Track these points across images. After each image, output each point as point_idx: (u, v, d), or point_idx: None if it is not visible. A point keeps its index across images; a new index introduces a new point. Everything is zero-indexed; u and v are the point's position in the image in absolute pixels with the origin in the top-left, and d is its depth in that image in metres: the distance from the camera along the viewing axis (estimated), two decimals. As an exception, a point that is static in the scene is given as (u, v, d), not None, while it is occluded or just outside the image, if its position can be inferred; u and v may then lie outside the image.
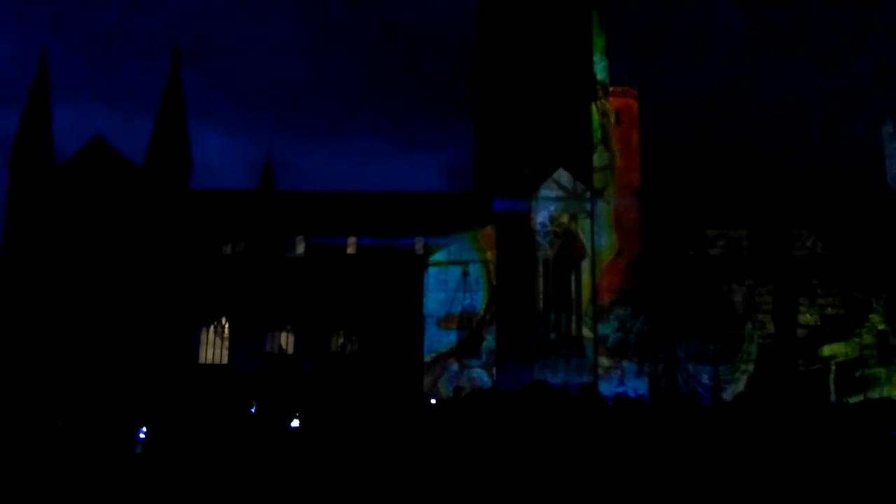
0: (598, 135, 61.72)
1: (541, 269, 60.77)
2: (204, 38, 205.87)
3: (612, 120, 61.80)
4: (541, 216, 60.56)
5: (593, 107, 62.21)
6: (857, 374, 53.75)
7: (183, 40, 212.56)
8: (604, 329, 58.24)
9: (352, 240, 67.94)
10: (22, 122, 64.65)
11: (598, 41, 64.11)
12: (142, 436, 15.11)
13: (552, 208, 60.53)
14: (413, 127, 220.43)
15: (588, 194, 60.10)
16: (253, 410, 19.46)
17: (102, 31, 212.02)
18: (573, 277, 60.56)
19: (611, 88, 62.77)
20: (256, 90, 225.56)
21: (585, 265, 60.14)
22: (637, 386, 55.63)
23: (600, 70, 63.39)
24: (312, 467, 13.25)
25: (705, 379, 55.72)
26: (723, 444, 14.21)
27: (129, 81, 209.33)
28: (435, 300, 59.20)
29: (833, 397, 53.74)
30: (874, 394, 52.03)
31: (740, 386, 57.68)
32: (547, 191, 60.31)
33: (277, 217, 67.69)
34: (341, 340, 63.55)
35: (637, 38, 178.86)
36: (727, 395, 54.00)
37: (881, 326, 56.22)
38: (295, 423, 16.49)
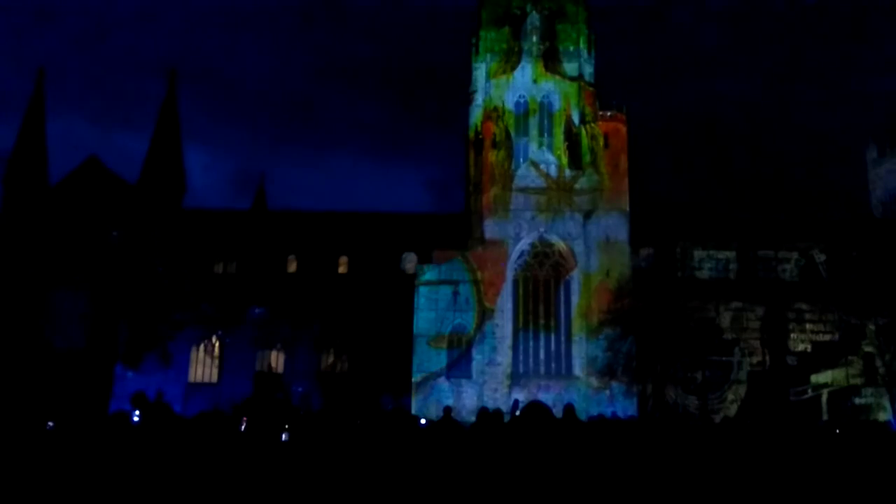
0: (587, 157, 62.37)
1: (531, 288, 61.20)
2: (191, 58, 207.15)
3: (601, 143, 62.45)
4: (530, 237, 61.10)
5: (583, 130, 62.92)
6: (850, 403, 53.15)
7: (173, 61, 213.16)
8: (593, 350, 58.51)
9: (343, 259, 68.36)
10: (17, 140, 64.96)
11: (584, 40, 65.03)
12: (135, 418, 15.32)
13: (541, 229, 61.04)
14: (397, 143, 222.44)
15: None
16: (242, 428, 19.62)
17: (98, 50, 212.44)
18: (562, 297, 60.99)
19: (600, 113, 63.52)
20: (240, 109, 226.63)
21: (574, 285, 60.59)
22: (626, 407, 55.70)
23: (587, 73, 64.31)
24: (301, 483, 13.48)
25: (692, 408, 55.61)
26: (714, 464, 14.53)
27: (124, 100, 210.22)
28: (425, 319, 59.40)
29: (825, 428, 53.11)
30: (867, 423, 51.62)
31: (730, 414, 57.53)
32: (536, 213, 60.89)
33: (269, 236, 68.04)
34: (331, 359, 63.63)
35: (625, 57, 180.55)
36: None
37: (868, 349, 56.07)
38: (284, 436, 16.66)
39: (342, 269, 68.09)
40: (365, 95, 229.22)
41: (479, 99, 64.06)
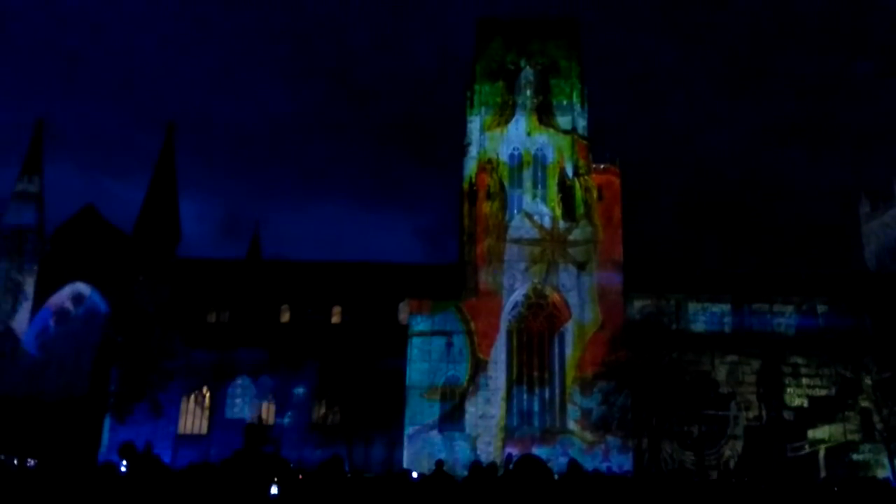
0: (581, 209, 62.61)
1: (525, 339, 60.85)
2: (182, 107, 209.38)
3: (595, 195, 62.74)
4: (523, 288, 60.99)
5: (576, 182, 63.27)
6: (848, 459, 52.55)
7: (166, 111, 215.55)
8: (587, 402, 57.98)
9: (336, 309, 68.11)
10: (15, 187, 65.24)
11: (577, 94, 65.68)
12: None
13: (535, 280, 60.96)
14: (386, 191, 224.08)
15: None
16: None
17: (95, 100, 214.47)
18: (556, 349, 60.63)
19: (593, 165, 63.95)
20: (231, 158, 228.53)
21: (569, 337, 60.28)
22: (621, 461, 55.03)
23: (581, 126, 64.84)
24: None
25: (689, 463, 54.88)
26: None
27: (118, 150, 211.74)
28: (418, 371, 58.89)
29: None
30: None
31: (727, 470, 56.82)
32: (530, 264, 60.89)
33: (263, 286, 67.85)
34: (323, 411, 62.93)
35: (619, 111, 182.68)
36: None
37: (865, 404, 55.68)
38: (274, 489, 16.32)
39: (335, 319, 67.78)
40: (354, 145, 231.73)
41: (473, 151, 64.52)
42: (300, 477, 19.66)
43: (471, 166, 64.20)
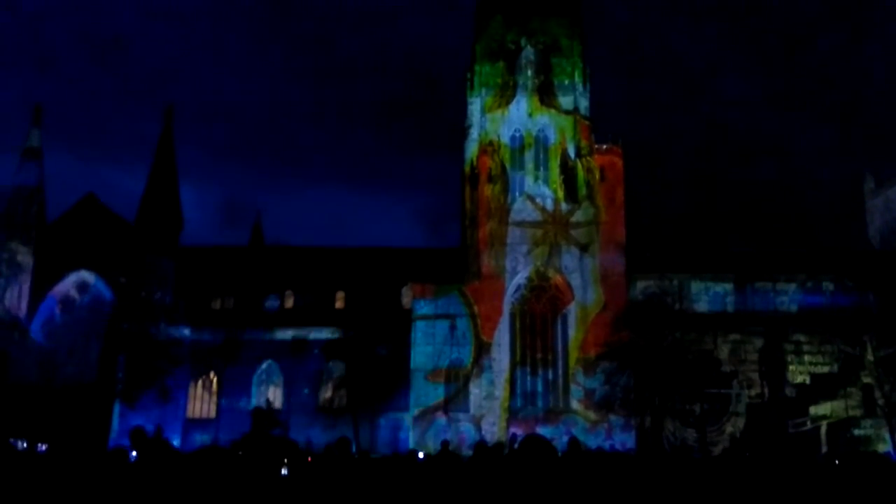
0: (583, 191, 62.64)
1: (528, 321, 61.15)
2: (181, 92, 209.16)
3: (597, 176, 62.75)
4: (526, 271, 61.23)
5: (578, 163, 63.27)
6: (849, 434, 52.81)
7: (165, 96, 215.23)
8: (590, 383, 58.36)
9: (340, 294, 68.46)
10: (16, 175, 65.25)
11: (579, 74, 65.47)
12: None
13: (538, 262, 61.17)
14: (385, 174, 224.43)
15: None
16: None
17: (94, 86, 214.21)
18: (559, 330, 60.94)
19: (596, 146, 63.88)
20: (229, 142, 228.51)
21: (572, 318, 60.59)
22: (624, 440, 55.50)
23: (583, 106, 64.71)
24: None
25: (691, 440, 55.28)
26: (714, 498, 14.52)
27: (117, 138, 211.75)
28: (423, 353, 59.32)
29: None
30: (866, 455, 51.03)
31: (729, 447, 57.19)
32: (533, 246, 61.09)
33: (266, 272, 68.20)
34: (329, 394, 63.42)
35: (621, 90, 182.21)
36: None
37: (867, 380, 55.93)
38: (284, 471, 16.65)
39: (339, 304, 68.16)
40: (353, 127, 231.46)
41: (474, 133, 64.37)
42: (308, 459, 20.04)
43: (472, 149, 64.13)
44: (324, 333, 63.17)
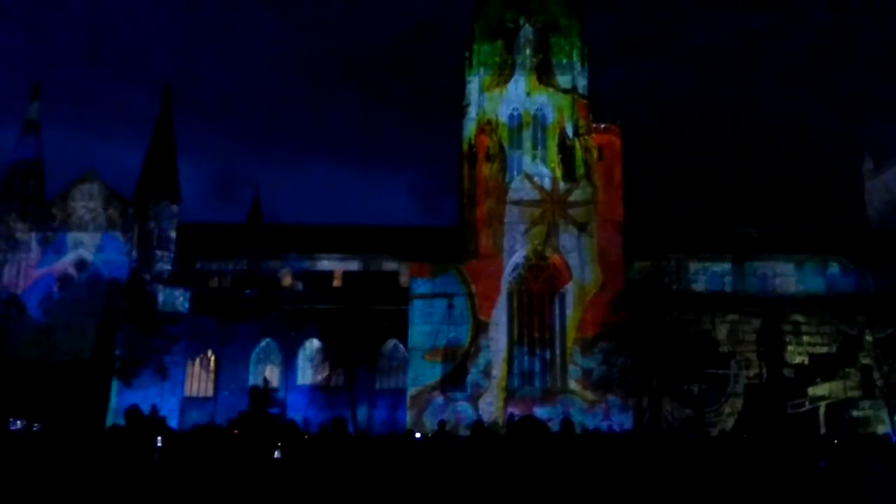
0: (581, 170, 62.42)
1: (525, 301, 61.10)
2: (175, 68, 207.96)
3: (595, 155, 62.50)
4: (524, 250, 61.11)
5: (576, 142, 62.98)
6: (848, 415, 52.89)
7: (161, 73, 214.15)
8: (588, 363, 58.41)
9: (338, 272, 68.39)
10: (14, 151, 65.02)
11: (577, 53, 65.10)
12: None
13: (535, 241, 61.04)
14: (380, 151, 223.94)
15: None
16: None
17: (92, 60, 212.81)
18: (557, 310, 60.89)
19: (594, 125, 63.59)
20: (223, 118, 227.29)
21: (569, 298, 60.52)
22: (622, 420, 55.60)
23: (581, 86, 64.34)
24: (295, 499, 13.43)
25: (689, 421, 55.39)
26: (711, 478, 14.50)
27: (115, 114, 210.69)
28: (420, 333, 59.28)
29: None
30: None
31: (727, 427, 57.46)
32: (530, 225, 60.93)
33: (264, 250, 68.11)
34: (326, 373, 63.49)
35: (620, 69, 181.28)
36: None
37: (865, 361, 55.96)
38: (277, 454, 16.63)
39: (337, 283, 68.10)
40: (348, 104, 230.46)
41: (472, 112, 64.05)
42: (305, 437, 20.03)
43: (470, 127, 63.80)
44: (322, 312, 63.11)
